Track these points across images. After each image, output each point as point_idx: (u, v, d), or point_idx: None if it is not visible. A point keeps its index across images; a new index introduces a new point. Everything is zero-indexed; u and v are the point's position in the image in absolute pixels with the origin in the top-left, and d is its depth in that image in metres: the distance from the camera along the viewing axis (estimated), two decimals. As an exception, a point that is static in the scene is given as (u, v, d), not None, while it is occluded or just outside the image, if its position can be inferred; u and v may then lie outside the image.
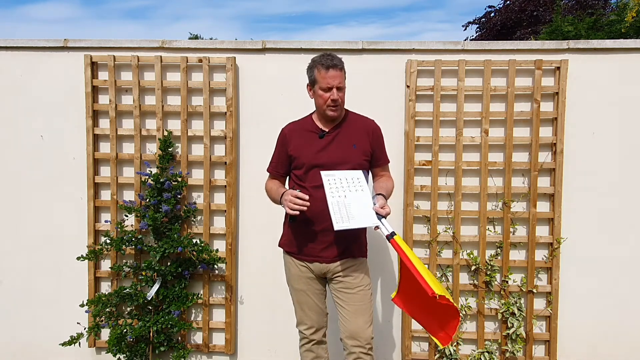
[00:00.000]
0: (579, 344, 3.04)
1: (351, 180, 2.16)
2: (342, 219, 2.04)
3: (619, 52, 2.94)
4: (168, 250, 2.85)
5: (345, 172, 2.19)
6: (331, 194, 2.10)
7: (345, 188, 2.13)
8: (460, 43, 2.99)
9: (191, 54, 3.05)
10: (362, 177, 2.20)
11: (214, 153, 3.08)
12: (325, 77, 2.15)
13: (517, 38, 11.05)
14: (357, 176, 2.19)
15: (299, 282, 2.33)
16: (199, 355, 3.16)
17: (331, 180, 2.14)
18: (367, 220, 2.08)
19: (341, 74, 2.18)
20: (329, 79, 2.15)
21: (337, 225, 2.03)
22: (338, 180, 2.15)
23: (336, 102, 2.17)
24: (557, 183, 2.94)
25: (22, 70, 3.11)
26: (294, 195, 2.11)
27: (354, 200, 2.11)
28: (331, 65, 2.15)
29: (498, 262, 2.99)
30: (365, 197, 2.13)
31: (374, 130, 2.33)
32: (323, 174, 2.14)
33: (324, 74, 2.15)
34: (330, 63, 2.15)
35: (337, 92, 2.16)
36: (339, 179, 2.15)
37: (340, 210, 2.07)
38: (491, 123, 2.96)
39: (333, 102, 2.16)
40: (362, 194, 2.14)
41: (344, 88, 2.21)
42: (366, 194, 2.14)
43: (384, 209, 2.10)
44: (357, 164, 2.23)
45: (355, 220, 2.06)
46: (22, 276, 3.18)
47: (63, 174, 3.13)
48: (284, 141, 2.35)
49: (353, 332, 2.20)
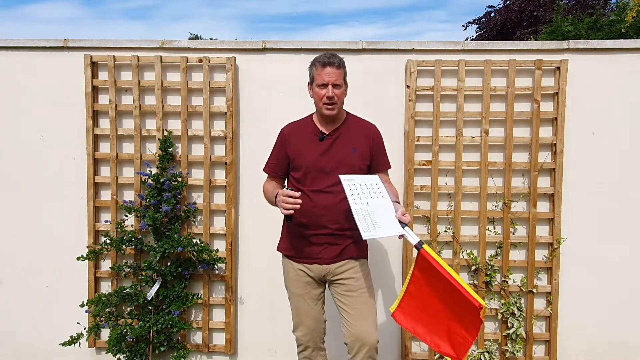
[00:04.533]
0: (579, 344, 3.04)
1: (371, 186, 2.11)
2: (369, 228, 1.98)
3: (619, 52, 2.94)
4: (168, 250, 2.85)
5: (364, 176, 2.16)
6: (353, 200, 2.04)
7: (367, 194, 2.08)
8: (460, 43, 3.00)
9: (191, 54, 3.05)
10: (381, 183, 2.16)
11: (214, 153, 3.08)
12: (321, 74, 2.15)
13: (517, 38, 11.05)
14: (376, 182, 2.14)
15: (296, 286, 2.30)
16: (199, 355, 3.16)
17: (351, 186, 2.08)
18: (392, 229, 2.03)
19: (338, 71, 2.16)
20: (324, 76, 2.14)
21: (364, 235, 1.97)
22: (358, 186, 2.09)
23: (332, 100, 2.15)
24: (557, 183, 2.94)
25: (22, 70, 3.11)
26: (285, 194, 2.08)
27: (377, 208, 2.05)
28: (328, 62, 2.15)
29: (498, 262, 2.99)
30: (387, 205, 2.08)
31: (374, 135, 2.31)
32: (342, 178, 2.10)
33: (320, 71, 2.16)
34: (327, 60, 2.15)
35: (334, 89, 2.14)
36: (359, 185, 2.09)
37: (365, 219, 2.01)
38: (491, 123, 2.96)
39: (329, 99, 2.15)
40: (384, 201, 2.08)
41: (341, 86, 2.19)
42: (387, 201, 2.09)
43: (405, 216, 2.06)
44: (357, 167, 2.21)
45: (382, 229, 2.00)
46: (22, 276, 3.18)
47: (63, 174, 3.13)
48: (283, 142, 2.32)
49: (358, 336, 2.15)
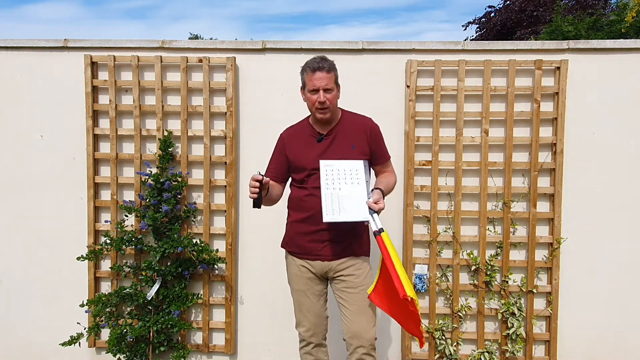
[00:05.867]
0: (579, 344, 3.04)
1: (349, 172, 2.15)
2: (333, 212, 2.06)
3: (619, 52, 2.94)
4: (168, 250, 2.85)
5: (345, 162, 2.18)
6: (326, 185, 2.11)
7: (342, 180, 2.13)
8: (460, 43, 3.00)
9: (191, 54, 3.05)
10: (361, 168, 2.19)
11: (214, 153, 3.08)
12: (311, 80, 2.15)
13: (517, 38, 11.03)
14: (356, 167, 2.18)
15: (298, 282, 2.33)
16: (199, 355, 3.16)
17: (328, 171, 2.14)
18: (358, 215, 2.08)
19: (329, 75, 2.15)
20: (315, 81, 2.13)
21: (326, 217, 2.05)
22: (336, 172, 2.14)
23: (324, 105, 2.15)
24: (557, 183, 2.94)
25: (22, 70, 3.11)
26: (253, 179, 2.01)
27: (348, 193, 2.10)
28: (317, 67, 2.13)
29: (498, 262, 2.99)
30: (360, 191, 2.12)
31: (371, 128, 2.30)
32: (322, 163, 2.14)
33: (311, 77, 2.15)
34: (317, 65, 2.14)
35: (325, 94, 2.13)
36: (337, 170, 2.15)
37: (333, 203, 2.08)
38: (491, 123, 2.96)
39: (320, 104, 2.15)
40: (358, 187, 2.12)
41: (333, 90, 2.18)
42: (362, 187, 2.13)
43: (377, 204, 2.08)
44: None
45: (347, 213, 2.07)
46: (22, 276, 3.18)
47: (63, 174, 3.13)
48: (282, 146, 2.34)
49: (356, 332, 2.19)
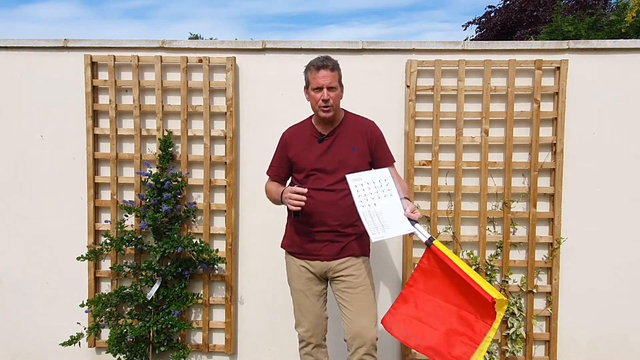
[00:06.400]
0: (579, 344, 3.04)
1: (379, 184, 2.09)
2: (378, 230, 1.98)
3: (619, 52, 2.94)
4: (168, 250, 2.85)
5: (372, 173, 2.14)
6: (360, 202, 2.03)
7: (374, 194, 2.06)
8: (460, 43, 2.99)
9: (191, 54, 3.05)
10: (390, 178, 2.14)
11: (214, 153, 3.08)
12: (315, 78, 2.16)
13: (517, 38, 11.03)
14: (385, 177, 2.12)
15: (297, 282, 2.33)
16: (199, 355, 3.16)
17: (358, 186, 2.06)
18: (402, 228, 2.02)
19: (333, 74, 2.16)
20: (319, 79, 2.15)
21: (373, 237, 1.97)
22: (366, 186, 2.07)
23: (327, 103, 2.15)
24: (557, 183, 2.94)
25: (22, 70, 3.11)
26: (292, 191, 2.11)
27: (385, 207, 2.04)
28: (322, 65, 2.15)
29: (498, 262, 2.99)
30: (395, 203, 2.07)
31: (372, 131, 2.30)
32: (349, 178, 2.08)
33: (315, 74, 2.16)
34: (321, 64, 2.15)
35: (328, 92, 2.15)
36: (366, 184, 2.08)
37: (374, 220, 2.00)
38: (491, 123, 2.96)
39: (324, 102, 2.15)
40: (392, 199, 2.07)
41: (337, 89, 2.19)
42: (395, 198, 2.08)
43: (414, 213, 2.05)
44: (357, 166, 2.21)
45: (391, 229, 2.00)
46: (22, 276, 3.18)
47: (63, 174, 3.13)
48: (284, 146, 2.35)
49: (357, 332, 2.18)
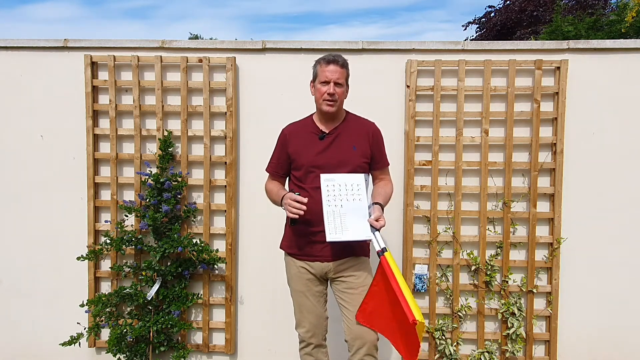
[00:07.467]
0: (579, 344, 3.04)
1: (350, 188, 2.13)
2: (336, 231, 2.04)
3: (619, 52, 2.94)
4: (168, 250, 2.85)
5: (346, 176, 2.16)
6: (327, 202, 2.09)
7: (343, 196, 2.11)
8: (460, 43, 3.00)
9: (191, 54, 3.05)
10: (362, 183, 2.17)
11: (214, 153, 3.08)
12: (324, 71, 2.20)
13: (517, 38, 11.04)
14: (358, 182, 2.15)
15: (297, 283, 2.33)
16: (199, 355, 3.16)
17: (329, 186, 2.11)
18: (360, 233, 2.07)
19: (341, 70, 2.21)
20: (327, 72, 2.19)
21: (329, 237, 2.03)
22: (337, 187, 2.12)
23: (332, 97, 2.19)
24: (557, 183, 2.94)
25: (22, 70, 3.11)
26: (292, 199, 2.12)
27: (350, 211, 2.08)
28: (332, 60, 2.21)
29: (498, 262, 2.99)
30: (361, 208, 2.10)
31: (373, 132, 2.32)
32: (323, 178, 2.13)
33: (324, 68, 2.21)
34: (332, 58, 2.21)
35: (335, 87, 2.19)
36: (337, 185, 2.12)
37: (335, 221, 2.06)
38: (491, 123, 2.96)
39: (329, 95, 2.18)
40: (359, 204, 2.10)
41: (343, 86, 2.23)
42: (363, 204, 2.11)
43: (378, 221, 2.07)
44: (357, 166, 2.22)
45: (349, 232, 2.05)
46: (22, 276, 3.18)
47: (63, 174, 3.13)
48: (284, 142, 2.35)
49: (358, 333, 2.18)
